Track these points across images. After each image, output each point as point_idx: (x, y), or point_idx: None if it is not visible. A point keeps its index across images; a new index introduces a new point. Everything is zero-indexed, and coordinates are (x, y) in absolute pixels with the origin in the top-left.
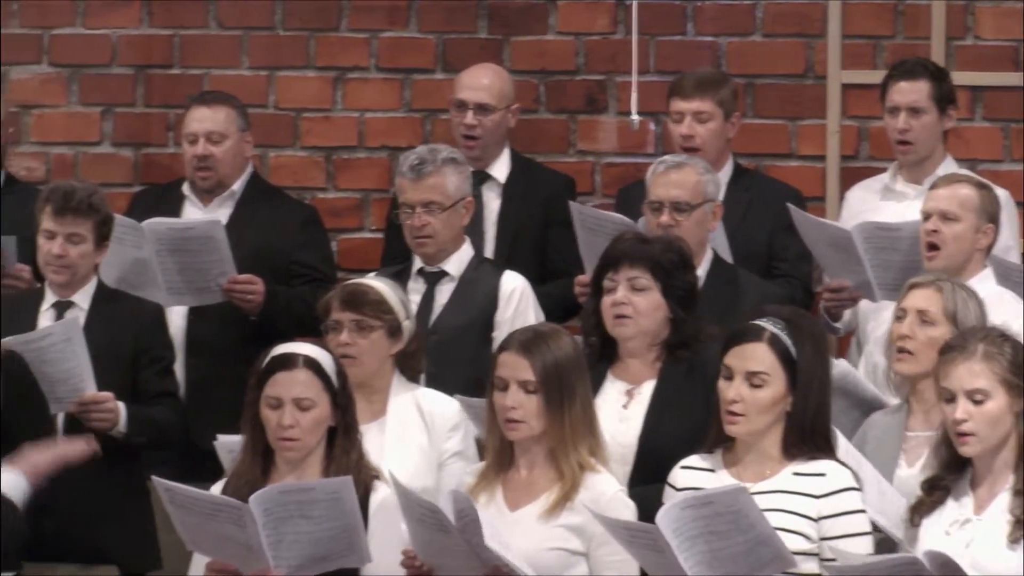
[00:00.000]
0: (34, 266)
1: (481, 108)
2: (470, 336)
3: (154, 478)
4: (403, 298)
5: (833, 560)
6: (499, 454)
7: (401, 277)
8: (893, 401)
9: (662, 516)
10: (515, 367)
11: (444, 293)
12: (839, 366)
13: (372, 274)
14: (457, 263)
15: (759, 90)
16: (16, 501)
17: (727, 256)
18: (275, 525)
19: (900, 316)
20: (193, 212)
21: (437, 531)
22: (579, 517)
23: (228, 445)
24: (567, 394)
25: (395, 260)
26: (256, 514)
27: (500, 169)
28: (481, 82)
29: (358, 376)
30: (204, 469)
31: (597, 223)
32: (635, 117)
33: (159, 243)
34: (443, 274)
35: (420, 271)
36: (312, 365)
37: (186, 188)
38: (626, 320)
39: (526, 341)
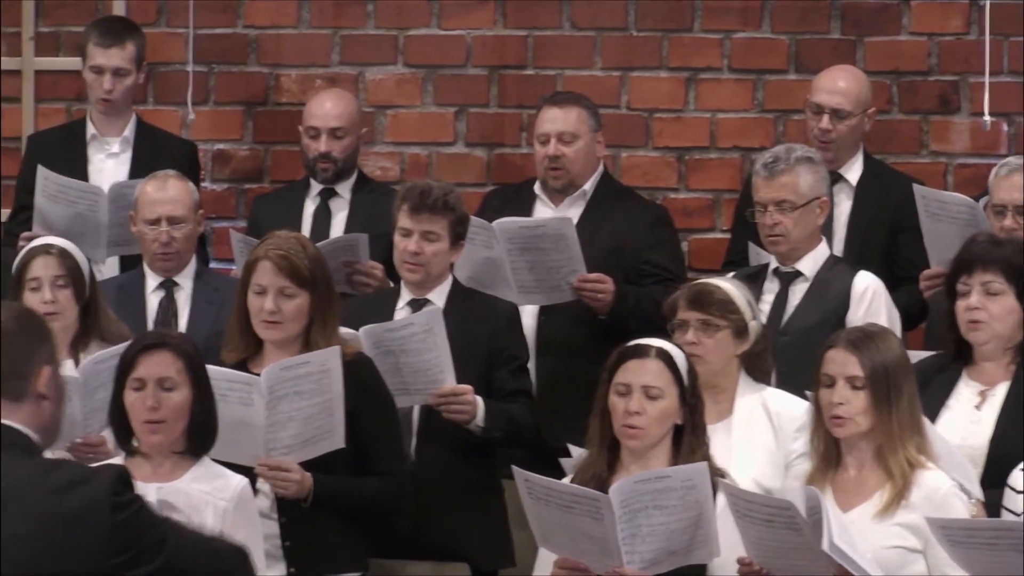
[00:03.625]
0: (386, 265)
1: (837, 113)
2: (822, 336)
3: (514, 468)
4: (750, 299)
5: None
6: (825, 454)
7: (758, 278)
8: None
9: None
10: (843, 363)
11: (798, 293)
12: None
13: (730, 275)
14: (812, 262)
15: None
16: None
17: None
18: (630, 518)
19: None
20: (544, 212)
21: (787, 530)
22: (914, 515)
23: (576, 461)
24: (894, 392)
25: (735, 258)
26: (615, 505)
27: (853, 171)
28: (838, 85)
29: (703, 375)
30: (553, 468)
31: (941, 207)
32: (987, 118)
33: (510, 242)
34: (797, 274)
35: (775, 271)
36: (664, 357)
37: (537, 188)
38: (980, 325)
39: (854, 339)
